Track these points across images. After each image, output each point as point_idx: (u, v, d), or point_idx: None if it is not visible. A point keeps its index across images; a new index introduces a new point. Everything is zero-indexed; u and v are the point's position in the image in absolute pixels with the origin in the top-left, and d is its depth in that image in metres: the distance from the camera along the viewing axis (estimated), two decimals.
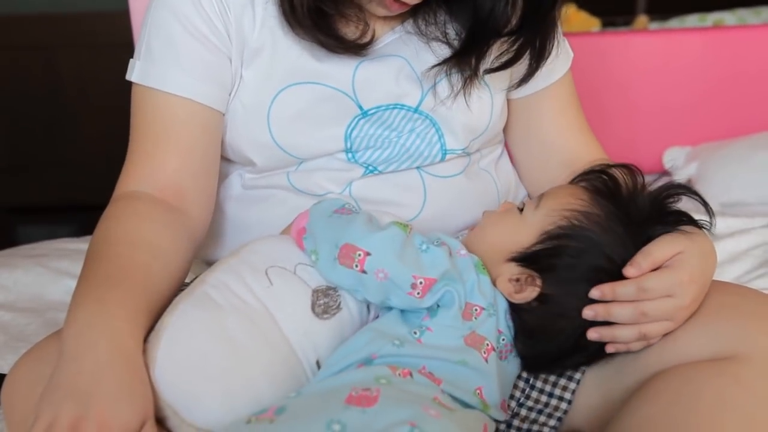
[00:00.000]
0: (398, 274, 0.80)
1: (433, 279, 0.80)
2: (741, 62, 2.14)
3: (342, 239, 0.81)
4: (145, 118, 0.93)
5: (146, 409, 0.71)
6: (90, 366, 0.71)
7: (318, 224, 0.85)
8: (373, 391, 0.70)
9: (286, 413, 0.69)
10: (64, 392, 0.70)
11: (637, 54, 2.17)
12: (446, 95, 0.97)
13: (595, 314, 0.82)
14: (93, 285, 0.79)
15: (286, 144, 0.95)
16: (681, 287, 0.81)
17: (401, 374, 0.76)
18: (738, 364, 0.79)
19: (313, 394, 0.73)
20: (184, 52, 0.92)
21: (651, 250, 0.82)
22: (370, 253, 0.80)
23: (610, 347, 0.85)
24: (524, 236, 0.86)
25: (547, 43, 0.97)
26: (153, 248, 0.85)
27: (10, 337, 1.23)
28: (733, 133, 2.12)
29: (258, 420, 0.70)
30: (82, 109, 3.10)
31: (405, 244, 0.81)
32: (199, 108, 0.92)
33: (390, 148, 0.97)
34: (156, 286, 0.82)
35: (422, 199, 0.99)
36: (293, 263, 0.85)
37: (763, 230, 1.48)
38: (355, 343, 0.80)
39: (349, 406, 0.68)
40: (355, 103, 0.95)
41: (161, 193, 0.91)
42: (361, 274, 0.80)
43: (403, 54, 0.97)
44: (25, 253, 1.57)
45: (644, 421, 0.80)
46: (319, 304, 0.83)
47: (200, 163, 0.94)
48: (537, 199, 0.90)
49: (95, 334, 0.73)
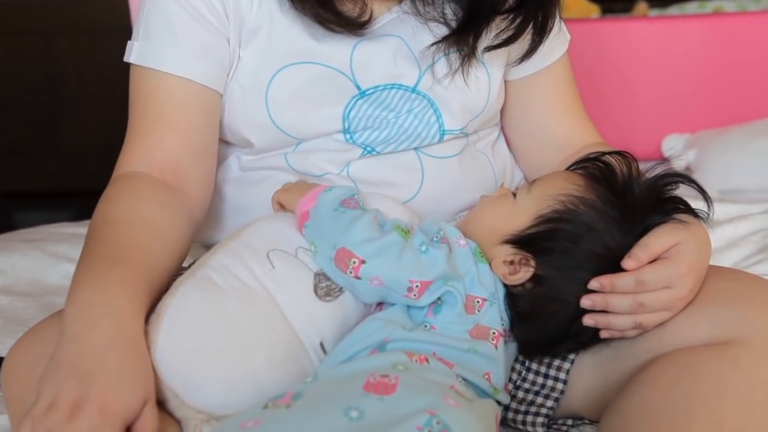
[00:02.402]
0: (393, 280, 0.80)
1: (429, 281, 0.81)
2: (740, 49, 2.14)
3: (340, 242, 0.81)
4: (143, 99, 0.93)
5: (147, 389, 0.71)
6: (92, 346, 0.71)
7: (322, 216, 0.84)
8: (391, 378, 0.69)
9: (303, 398, 0.69)
10: (66, 371, 0.70)
11: (636, 41, 2.17)
12: (444, 74, 0.97)
13: (593, 304, 0.82)
14: (93, 265, 0.79)
15: (284, 124, 0.95)
16: (679, 279, 0.81)
17: (418, 360, 0.76)
18: (736, 348, 0.79)
19: (330, 380, 0.73)
20: (182, 32, 0.91)
21: (649, 242, 0.82)
22: (365, 261, 0.80)
23: (605, 333, 0.85)
24: (519, 219, 0.86)
25: (549, 19, 0.97)
26: (153, 228, 0.85)
27: (8, 321, 1.23)
28: (731, 120, 2.12)
29: (275, 405, 0.69)
30: (80, 95, 3.09)
31: (402, 250, 0.81)
32: (197, 88, 0.92)
33: (388, 128, 0.97)
34: (156, 265, 0.82)
35: (420, 180, 0.99)
36: (294, 246, 0.85)
37: (762, 216, 1.48)
38: (365, 329, 0.80)
39: (368, 394, 0.68)
40: (353, 83, 0.95)
41: (160, 173, 0.91)
42: (355, 280, 0.81)
43: (401, 34, 0.96)
44: (23, 237, 1.57)
45: (643, 405, 0.80)
46: (322, 287, 0.83)
47: (199, 143, 0.93)
48: (531, 184, 0.90)
49: (97, 314, 0.73)
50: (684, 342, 0.82)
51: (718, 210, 1.54)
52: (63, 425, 0.66)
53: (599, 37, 2.13)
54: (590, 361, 0.89)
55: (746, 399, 0.77)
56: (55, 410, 0.67)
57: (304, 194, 0.88)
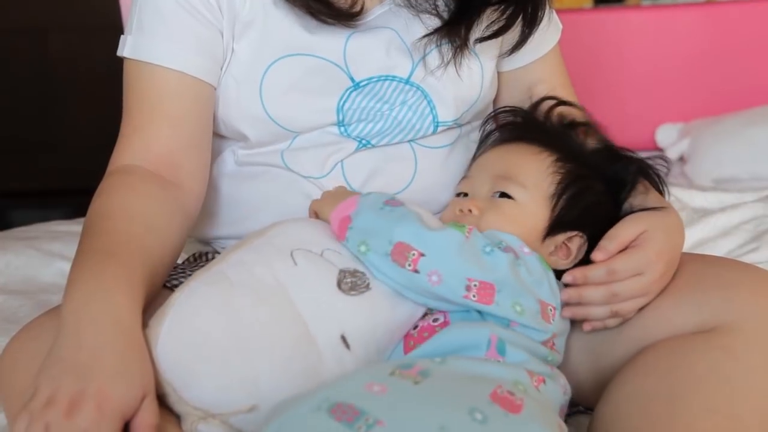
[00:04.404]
0: (452, 275, 0.79)
1: (491, 283, 0.80)
2: (733, 37, 2.14)
3: (396, 236, 0.81)
4: (136, 92, 0.93)
5: (145, 385, 0.71)
6: (90, 341, 0.71)
7: (367, 216, 0.84)
8: (516, 399, 0.70)
9: (430, 379, 0.69)
10: (64, 367, 0.70)
11: (629, 30, 2.17)
12: (436, 65, 0.97)
13: (569, 298, 0.84)
14: (90, 260, 0.79)
15: (278, 116, 0.95)
16: (649, 265, 0.83)
17: (537, 382, 0.76)
18: (727, 335, 0.80)
19: (457, 373, 0.72)
20: (175, 25, 0.91)
21: (616, 233, 0.85)
22: (424, 254, 0.80)
23: (587, 326, 0.86)
24: (537, 213, 0.89)
25: (539, 10, 0.98)
26: (148, 222, 0.85)
27: (2, 319, 1.23)
28: (725, 109, 2.12)
29: (402, 375, 0.70)
30: (73, 92, 3.08)
31: (462, 245, 0.81)
32: (191, 80, 0.92)
33: (382, 120, 0.97)
34: (152, 259, 0.82)
35: (413, 171, 1.00)
36: (321, 247, 0.84)
37: (755, 205, 1.48)
38: (466, 327, 0.80)
39: (494, 404, 0.68)
40: (347, 74, 0.95)
41: (154, 167, 0.90)
42: (413, 274, 0.80)
43: (393, 26, 0.97)
44: (17, 235, 1.57)
45: (635, 394, 0.81)
46: (346, 282, 0.82)
47: (193, 136, 0.93)
48: (504, 180, 0.90)
49: (94, 310, 0.73)
50: (673, 328, 0.83)
51: (712, 199, 1.54)
52: (61, 421, 0.66)
53: (592, 27, 2.13)
54: (580, 349, 0.90)
55: (739, 385, 0.78)
56: (54, 405, 0.67)
57: (338, 202, 0.87)
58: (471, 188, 0.93)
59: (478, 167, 0.95)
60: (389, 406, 0.66)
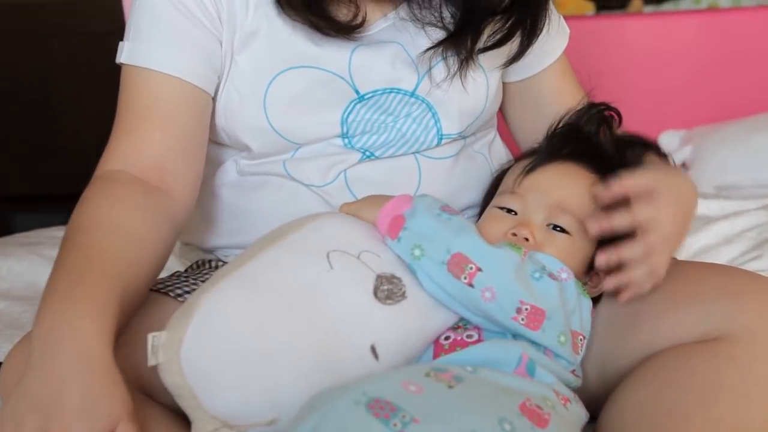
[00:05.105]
0: (505, 295, 0.78)
1: (542, 309, 0.79)
2: (735, 44, 2.14)
3: (455, 246, 0.80)
4: (130, 97, 0.92)
5: (113, 415, 0.70)
6: (54, 375, 0.70)
7: (424, 219, 0.83)
8: (544, 413, 0.70)
9: (463, 385, 0.70)
10: (28, 404, 0.69)
11: (631, 37, 2.16)
12: (442, 78, 0.97)
13: (608, 259, 0.83)
14: (61, 279, 0.77)
15: (282, 129, 0.95)
16: (667, 215, 0.83)
17: (563, 401, 0.76)
18: (731, 344, 0.79)
19: (489, 382, 0.73)
20: (173, 30, 0.91)
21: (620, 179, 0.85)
22: (481, 269, 0.79)
23: (625, 295, 0.85)
24: (586, 248, 0.89)
25: (539, 21, 0.97)
26: (127, 234, 0.82)
27: (5, 325, 1.23)
28: (727, 116, 2.11)
29: (437, 378, 0.70)
30: (75, 98, 3.08)
31: (519, 267, 0.80)
32: (186, 86, 0.91)
33: (386, 132, 0.97)
34: (129, 275, 0.80)
35: (417, 182, 0.99)
36: (359, 249, 0.82)
37: (758, 212, 1.48)
38: (498, 343, 0.80)
39: (522, 416, 0.69)
40: (352, 87, 0.95)
41: (142, 173, 0.89)
42: (468, 288, 0.79)
43: (398, 40, 0.96)
44: (19, 241, 1.57)
45: (640, 403, 0.80)
46: (383, 290, 0.80)
47: (184, 143, 0.92)
48: (560, 212, 0.88)
49: (59, 339, 0.71)
50: (678, 336, 0.83)
51: (714, 206, 1.54)
52: None
53: (594, 34, 2.13)
54: (588, 356, 0.89)
55: (743, 395, 0.78)
56: None
57: (381, 203, 0.86)
58: (522, 209, 0.90)
59: (529, 185, 0.91)
60: (425, 405, 0.67)
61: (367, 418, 0.65)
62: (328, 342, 0.76)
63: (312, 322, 0.76)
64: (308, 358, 0.75)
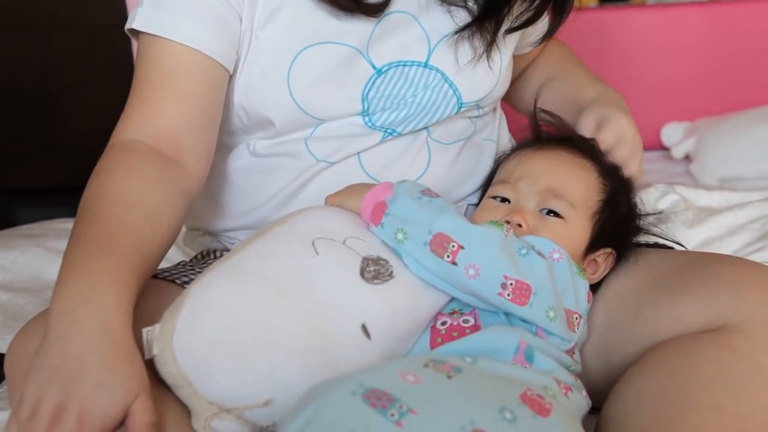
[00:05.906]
0: (489, 271, 0.79)
1: (528, 284, 0.79)
2: (740, 37, 2.13)
3: (436, 227, 0.80)
4: (147, 66, 0.91)
5: (131, 390, 0.70)
6: (75, 348, 0.70)
7: (405, 203, 0.83)
8: (545, 402, 0.70)
9: (462, 375, 0.70)
10: (49, 374, 0.69)
11: (634, 29, 2.16)
12: (468, 59, 0.98)
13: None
14: (82, 253, 0.77)
15: (305, 104, 0.94)
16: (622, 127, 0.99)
17: (564, 390, 0.76)
18: (735, 334, 0.79)
19: (488, 372, 0.73)
20: (195, 2, 0.90)
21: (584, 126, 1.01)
22: (464, 247, 0.79)
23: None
24: (582, 232, 0.90)
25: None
26: (146, 208, 0.83)
27: (8, 317, 1.23)
28: (731, 108, 2.11)
29: (435, 368, 0.70)
30: (78, 90, 3.08)
31: (502, 243, 0.80)
32: (205, 59, 0.91)
33: (406, 108, 0.97)
34: (147, 249, 0.81)
35: (425, 165, 1.00)
36: (343, 235, 0.83)
37: (761, 204, 1.47)
38: (496, 331, 0.79)
39: (523, 405, 0.69)
40: (368, 62, 0.95)
41: (157, 143, 0.89)
42: (451, 266, 0.79)
43: (412, 11, 0.97)
44: (23, 233, 1.57)
45: (643, 393, 0.80)
46: (370, 270, 0.81)
47: (200, 115, 0.91)
48: (552, 197, 0.89)
49: (81, 313, 0.72)
50: (682, 326, 0.83)
51: (718, 198, 1.54)
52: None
53: (598, 26, 2.12)
54: (591, 346, 0.90)
55: (746, 385, 0.78)
56: (37, 418, 0.68)
57: (363, 192, 0.87)
58: (515, 197, 0.91)
59: (521, 174, 0.92)
60: (423, 396, 0.66)
61: (363, 408, 0.64)
62: (318, 323, 0.77)
63: (300, 304, 0.77)
64: (299, 339, 0.76)
